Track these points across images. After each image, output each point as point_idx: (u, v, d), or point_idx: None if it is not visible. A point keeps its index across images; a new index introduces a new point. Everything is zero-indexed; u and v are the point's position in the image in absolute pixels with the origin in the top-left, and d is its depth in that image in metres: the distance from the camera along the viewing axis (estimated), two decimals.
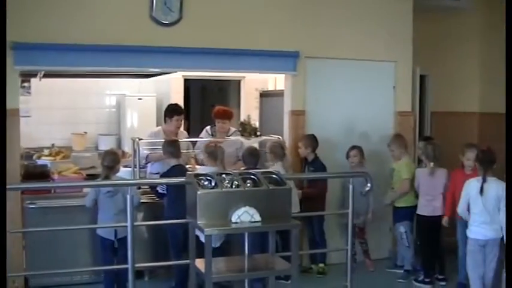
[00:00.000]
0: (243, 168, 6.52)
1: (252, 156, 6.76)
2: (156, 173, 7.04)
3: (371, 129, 7.66)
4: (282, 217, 4.71)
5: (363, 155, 7.25)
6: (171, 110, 7.56)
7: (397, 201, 7.21)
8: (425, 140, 7.37)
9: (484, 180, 5.84)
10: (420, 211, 6.90)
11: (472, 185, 5.95)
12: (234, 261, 5.14)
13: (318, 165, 7.06)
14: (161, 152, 6.70)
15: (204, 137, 7.90)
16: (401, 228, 7.23)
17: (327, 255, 7.29)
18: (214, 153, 6.54)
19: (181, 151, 6.74)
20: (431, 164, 6.82)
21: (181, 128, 7.87)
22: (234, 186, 4.65)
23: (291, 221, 4.76)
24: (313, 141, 7.13)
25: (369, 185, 5.49)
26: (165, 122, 7.59)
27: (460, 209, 6.10)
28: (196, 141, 7.77)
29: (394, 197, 7.21)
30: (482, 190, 5.82)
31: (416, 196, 7.02)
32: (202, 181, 4.63)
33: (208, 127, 8.09)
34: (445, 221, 6.69)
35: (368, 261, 7.47)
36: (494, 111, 8.76)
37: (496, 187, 5.74)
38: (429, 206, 6.79)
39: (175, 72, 8.74)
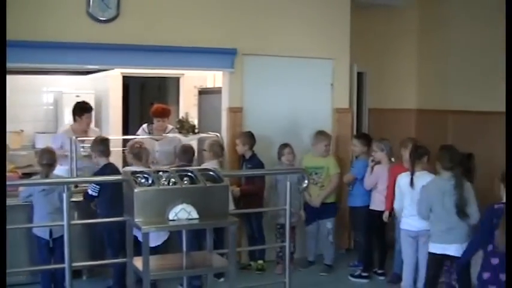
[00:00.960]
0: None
1: (186, 153, 6.76)
2: None
3: (309, 127, 7.68)
4: (220, 214, 4.72)
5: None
6: (81, 108, 7.51)
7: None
8: (361, 137, 7.44)
9: (412, 174, 5.98)
10: (374, 206, 7.00)
11: (402, 179, 6.10)
12: (172, 259, 5.13)
13: (255, 162, 7.09)
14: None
15: (141, 134, 7.87)
16: (329, 224, 7.35)
17: (266, 252, 7.31)
18: (139, 154, 6.51)
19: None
20: (392, 159, 6.95)
21: (92, 125, 7.85)
22: (171, 184, 4.65)
23: (228, 218, 4.78)
24: (250, 138, 7.16)
25: (306, 181, 5.55)
26: (74, 120, 7.52)
27: (396, 204, 6.23)
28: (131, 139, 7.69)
29: (325, 194, 7.28)
30: (412, 183, 5.96)
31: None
32: (139, 179, 4.61)
33: (145, 125, 8.06)
34: (385, 215, 6.81)
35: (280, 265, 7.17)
36: (431, 107, 8.95)
37: (424, 180, 5.86)
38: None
39: (113, 69, 8.64)
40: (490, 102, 7.89)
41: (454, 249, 5.40)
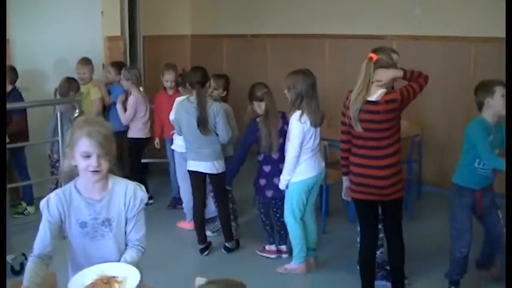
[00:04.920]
0: None
1: None
2: None
3: (80, 56, 7.36)
4: None
5: None
6: None
7: None
8: (115, 65, 7.31)
9: None
10: (133, 134, 6.97)
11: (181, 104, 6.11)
12: None
13: (15, 96, 6.46)
14: None
15: None
16: None
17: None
18: None
19: None
20: (141, 88, 6.92)
21: None
22: None
23: None
24: (11, 72, 6.65)
25: (77, 111, 5.50)
26: None
27: (171, 115, 6.13)
28: None
29: None
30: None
31: None
32: None
33: None
34: (156, 142, 6.95)
35: None
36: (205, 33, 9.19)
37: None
38: None
39: None
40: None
41: (204, 166, 5.47)
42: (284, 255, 5.44)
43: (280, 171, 5.05)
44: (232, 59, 9.16)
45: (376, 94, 3.99)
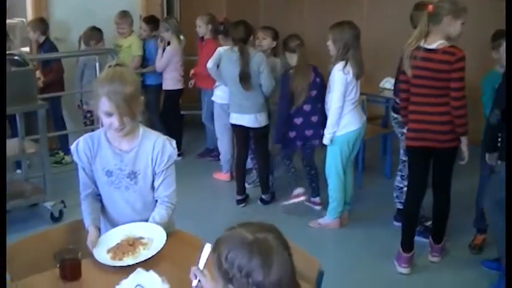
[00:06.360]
0: None
1: None
2: None
3: (115, 7, 7.30)
4: (28, 99, 4.66)
5: None
6: None
7: None
8: (148, 20, 7.14)
9: None
10: (167, 86, 6.97)
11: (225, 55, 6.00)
12: None
13: (47, 47, 6.57)
14: None
15: None
16: None
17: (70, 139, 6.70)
18: None
19: None
20: (181, 37, 6.90)
21: None
22: None
23: (36, 102, 4.73)
24: (41, 23, 6.65)
25: (114, 61, 5.51)
26: None
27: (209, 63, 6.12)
28: None
29: None
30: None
31: None
32: None
33: None
34: (190, 82, 6.95)
35: None
36: None
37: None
38: None
39: None
40: None
41: (248, 120, 5.47)
42: (317, 207, 5.45)
43: (312, 124, 5.06)
44: (269, 11, 9.04)
45: (436, 43, 3.98)
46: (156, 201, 2.85)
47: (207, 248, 2.18)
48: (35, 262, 2.62)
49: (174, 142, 2.85)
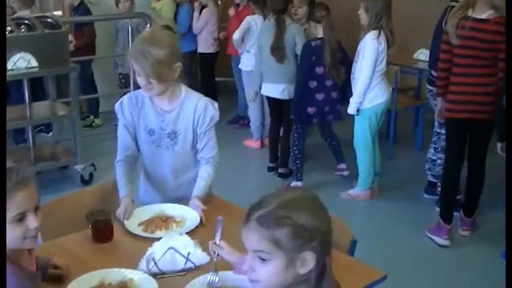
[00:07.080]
0: None
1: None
2: None
3: None
4: (60, 61, 4.66)
5: None
6: None
7: None
8: None
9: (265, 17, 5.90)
10: (203, 49, 7.01)
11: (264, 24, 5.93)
12: (16, 111, 5.02)
13: (82, 10, 6.54)
14: None
15: None
16: None
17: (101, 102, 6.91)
18: None
19: None
20: (219, 2, 6.90)
21: None
22: (7, 32, 4.50)
23: (69, 65, 4.72)
24: None
25: (148, 25, 5.50)
26: None
27: (236, 34, 6.09)
28: None
29: None
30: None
31: None
32: None
33: None
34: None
35: None
36: None
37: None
38: None
39: None
40: None
41: (280, 91, 5.38)
42: (345, 173, 5.41)
43: (331, 99, 4.99)
44: None
45: (485, 13, 3.90)
46: (199, 162, 2.85)
47: (220, 222, 2.23)
48: (67, 223, 2.63)
49: (216, 104, 2.83)
